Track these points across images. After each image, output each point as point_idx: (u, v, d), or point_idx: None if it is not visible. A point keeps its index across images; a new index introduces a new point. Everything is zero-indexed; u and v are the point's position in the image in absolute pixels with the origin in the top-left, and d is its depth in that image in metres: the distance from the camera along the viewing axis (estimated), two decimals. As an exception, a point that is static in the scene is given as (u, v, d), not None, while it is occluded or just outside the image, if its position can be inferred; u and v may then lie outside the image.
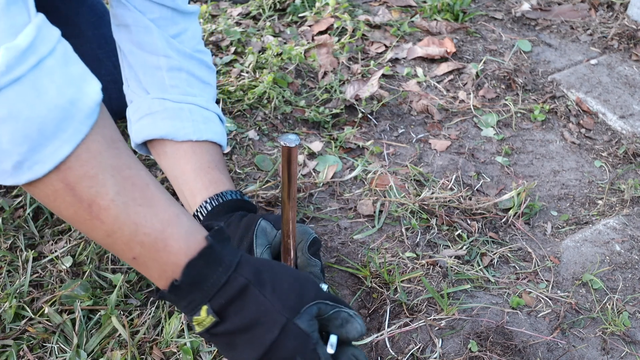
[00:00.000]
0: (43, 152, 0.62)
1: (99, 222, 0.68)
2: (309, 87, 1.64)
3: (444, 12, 1.89)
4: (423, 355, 1.05)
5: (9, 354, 1.01)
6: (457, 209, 1.31)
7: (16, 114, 0.60)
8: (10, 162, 0.62)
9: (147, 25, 1.12)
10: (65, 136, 0.63)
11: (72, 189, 0.65)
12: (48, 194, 0.66)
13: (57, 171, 0.64)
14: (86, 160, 0.65)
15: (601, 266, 1.22)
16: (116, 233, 0.69)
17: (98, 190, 0.67)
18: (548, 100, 1.62)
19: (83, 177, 0.65)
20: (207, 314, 0.74)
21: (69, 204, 0.66)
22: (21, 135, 0.60)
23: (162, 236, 0.72)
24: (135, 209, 0.70)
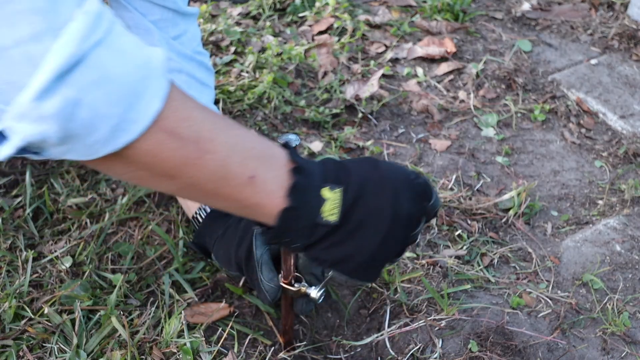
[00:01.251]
0: (137, 109, 0.62)
1: (210, 154, 0.69)
2: (309, 87, 1.64)
3: (444, 12, 1.89)
4: (423, 355, 1.05)
5: (8, 354, 1.01)
6: (457, 209, 1.31)
7: (108, 75, 0.60)
8: (108, 126, 0.61)
9: (147, 27, 1.12)
10: (152, 91, 0.63)
11: (174, 134, 0.66)
12: (152, 150, 0.65)
13: (156, 124, 0.64)
14: (176, 107, 0.66)
15: (601, 266, 1.22)
16: (230, 157, 0.70)
17: (198, 127, 0.68)
18: (548, 100, 1.62)
19: (180, 120, 0.66)
20: (331, 192, 0.75)
21: (177, 149, 0.66)
22: (116, 96, 0.60)
23: (266, 145, 0.75)
24: (234, 131, 0.72)
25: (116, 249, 1.20)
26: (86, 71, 0.58)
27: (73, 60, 0.57)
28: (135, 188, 1.31)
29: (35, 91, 0.56)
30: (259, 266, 0.99)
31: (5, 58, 0.56)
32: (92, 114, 0.59)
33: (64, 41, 0.56)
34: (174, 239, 1.22)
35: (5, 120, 0.59)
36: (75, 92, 0.58)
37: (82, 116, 0.59)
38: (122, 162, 0.66)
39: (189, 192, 0.74)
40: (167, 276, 1.14)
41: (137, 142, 0.64)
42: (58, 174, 1.35)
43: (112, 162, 0.66)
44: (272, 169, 0.74)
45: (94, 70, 0.59)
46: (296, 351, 1.05)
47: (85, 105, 0.58)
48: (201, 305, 1.11)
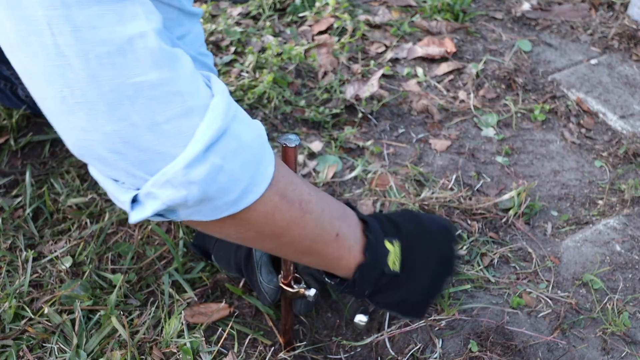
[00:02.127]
0: (259, 173, 0.70)
1: (309, 214, 0.78)
2: (309, 87, 1.64)
3: (444, 12, 1.89)
4: (423, 355, 1.05)
5: (8, 354, 1.01)
6: (457, 209, 1.31)
7: (242, 144, 0.67)
8: (239, 189, 0.68)
9: None
10: (267, 158, 0.71)
11: (285, 197, 0.74)
12: (267, 211, 0.73)
13: (271, 187, 0.72)
14: (283, 171, 0.75)
15: (601, 266, 1.22)
16: (322, 217, 0.80)
17: (300, 189, 0.77)
18: (548, 100, 1.62)
19: (287, 184, 0.75)
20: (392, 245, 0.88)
21: (286, 210, 0.75)
22: (248, 162, 0.68)
23: (342, 207, 0.87)
24: (321, 194, 0.82)
25: (116, 249, 1.20)
26: (228, 142, 0.66)
27: (220, 132, 0.65)
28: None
29: (187, 160, 0.63)
30: (259, 267, 0.99)
31: (158, 132, 0.63)
32: (229, 178, 0.67)
33: (212, 117, 0.65)
34: (174, 239, 1.22)
35: (145, 187, 0.66)
36: (219, 160, 0.65)
37: (221, 180, 0.66)
38: (237, 223, 0.73)
39: (285, 249, 0.83)
40: (167, 276, 1.14)
41: (256, 204, 0.72)
42: (58, 174, 1.35)
43: (228, 223, 0.73)
44: (350, 227, 0.85)
45: (234, 141, 0.67)
46: (296, 351, 1.05)
47: (225, 171, 0.66)
48: (201, 305, 1.11)
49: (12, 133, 1.46)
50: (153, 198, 0.66)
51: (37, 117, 1.50)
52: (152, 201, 0.66)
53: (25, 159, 1.41)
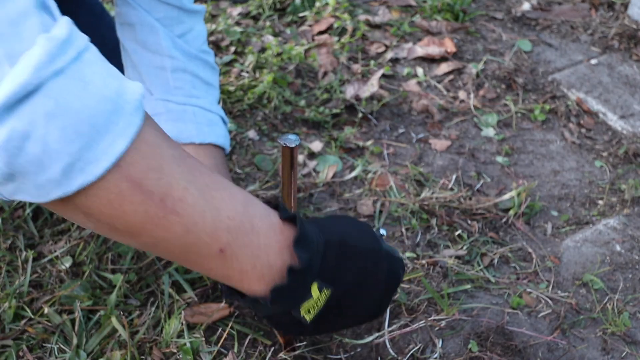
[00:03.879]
0: (97, 148, 0.55)
1: (175, 216, 0.61)
2: (309, 87, 1.64)
3: (444, 11, 1.89)
4: (423, 355, 1.05)
5: (8, 354, 1.01)
6: (457, 209, 1.31)
7: (65, 107, 0.54)
8: (60, 165, 0.54)
9: (152, 25, 1.11)
10: (118, 129, 0.56)
11: (139, 185, 0.58)
12: (111, 199, 0.58)
13: (118, 169, 0.57)
14: (147, 153, 0.59)
15: (601, 266, 1.22)
16: (197, 224, 0.62)
17: (168, 181, 0.60)
18: (548, 100, 1.62)
19: (148, 170, 0.59)
20: (319, 289, 0.68)
21: (138, 204, 0.59)
22: (72, 130, 0.54)
23: (247, 216, 0.67)
24: (211, 193, 0.64)
25: (116, 249, 1.20)
26: (39, 102, 0.52)
27: (25, 90, 0.52)
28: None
29: None
30: None
31: None
32: (43, 149, 0.53)
33: (19, 69, 0.52)
34: (174, 239, 1.22)
35: None
36: (24, 124, 0.52)
37: (31, 151, 0.53)
38: (77, 210, 0.59)
39: (156, 252, 0.67)
40: (166, 276, 1.14)
41: (95, 188, 0.57)
42: (58, 174, 1.35)
43: (70, 209, 0.59)
44: (247, 249, 0.66)
45: (49, 101, 0.53)
46: (296, 351, 1.05)
47: (35, 139, 0.53)
48: (201, 305, 1.11)
49: (12, 133, 1.45)
50: None
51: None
52: None
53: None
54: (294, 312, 0.70)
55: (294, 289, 0.68)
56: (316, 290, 0.69)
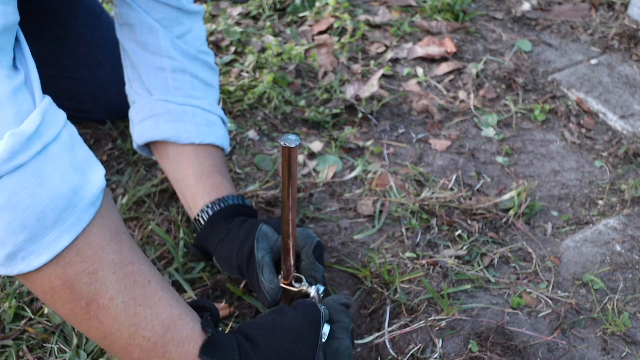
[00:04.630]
0: (40, 242, 0.59)
1: (96, 322, 0.65)
2: (309, 87, 1.64)
3: (444, 11, 1.89)
4: (423, 355, 1.05)
5: (8, 354, 1.01)
6: (457, 209, 1.31)
7: (15, 202, 0.57)
8: (4, 252, 0.58)
9: (151, 25, 1.11)
10: (65, 226, 0.60)
11: (70, 286, 0.61)
12: (44, 290, 0.62)
13: (55, 265, 0.60)
14: (87, 255, 0.62)
15: (601, 266, 1.22)
16: (114, 335, 0.66)
17: (97, 288, 0.63)
18: (548, 100, 1.62)
19: (82, 273, 0.62)
20: None
21: (66, 301, 0.63)
22: (18, 224, 0.57)
23: (163, 341, 0.69)
24: (136, 309, 0.67)
25: (116, 249, 1.20)
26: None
27: None
28: (135, 188, 1.31)
29: None
30: (260, 268, 0.99)
31: None
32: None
33: None
34: (174, 239, 1.22)
35: None
36: None
37: None
38: (26, 283, 0.64)
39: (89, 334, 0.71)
40: (167, 276, 1.14)
41: (33, 277, 0.61)
42: (58, 174, 1.35)
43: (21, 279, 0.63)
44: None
45: (1, 195, 0.56)
46: (296, 351, 1.05)
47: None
48: (201, 305, 1.11)
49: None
50: None
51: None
52: None
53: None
54: None
55: None
56: None
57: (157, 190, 1.32)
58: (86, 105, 1.43)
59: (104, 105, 1.43)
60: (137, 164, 1.40)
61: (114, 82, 1.37)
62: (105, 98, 1.40)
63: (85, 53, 1.36)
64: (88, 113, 1.46)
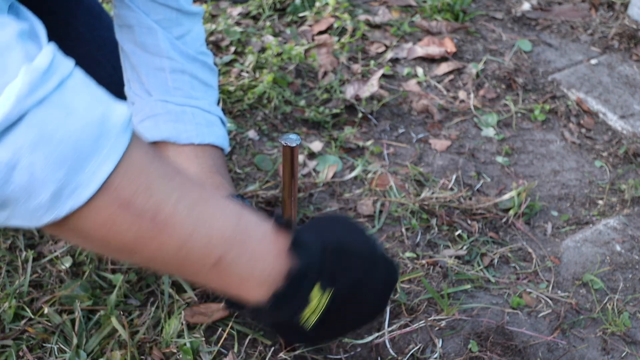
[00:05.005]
0: (83, 172, 0.57)
1: (168, 232, 0.62)
2: (309, 87, 1.64)
3: (444, 11, 1.89)
4: (423, 355, 1.05)
5: (8, 354, 1.01)
6: (457, 209, 1.31)
7: (48, 136, 0.55)
8: (48, 191, 0.56)
9: (150, 27, 1.11)
10: (104, 152, 0.58)
11: (128, 206, 0.59)
12: (103, 222, 0.59)
13: (106, 193, 0.58)
14: (135, 175, 0.60)
15: (602, 266, 1.22)
16: (191, 238, 0.63)
17: (157, 199, 0.61)
18: (548, 100, 1.62)
19: (137, 192, 0.60)
20: (320, 293, 0.68)
21: (130, 224, 0.60)
22: (56, 158, 0.55)
23: (240, 227, 0.67)
24: (203, 207, 0.65)
25: (116, 249, 1.20)
26: (23, 132, 0.54)
27: (8, 121, 0.53)
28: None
29: None
30: None
31: None
32: (29, 177, 0.55)
33: (1, 101, 0.53)
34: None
35: None
36: (10, 154, 0.54)
37: (19, 180, 0.54)
38: (69, 232, 0.61)
39: (153, 267, 0.68)
40: (167, 276, 1.14)
41: (85, 212, 0.58)
42: (58, 174, 1.35)
43: (64, 232, 0.61)
44: (247, 254, 0.67)
45: (32, 131, 0.54)
46: (296, 351, 1.05)
47: (21, 168, 0.54)
48: (201, 305, 1.11)
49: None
50: None
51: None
52: None
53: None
54: (295, 318, 0.70)
55: (292, 294, 0.68)
56: (315, 294, 0.68)
57: (157, 190, 1.31)
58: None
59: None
60: (137, 163, 1.40)
61: (114, 82, 1.37)
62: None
63: (85, 53, 1.36)
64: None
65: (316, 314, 0.70)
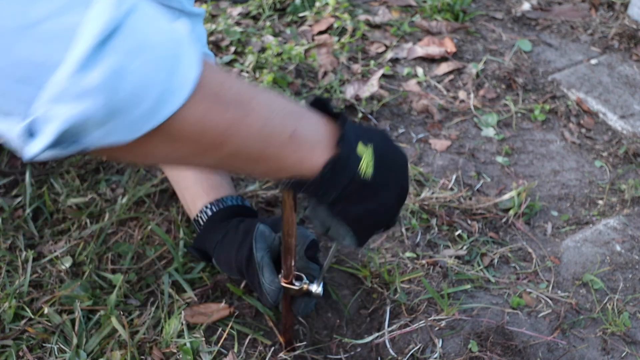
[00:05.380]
0: (180, 74, 0.60)
1: (254, 114, 0.68)
2: (309, 87, 1.64)
3: (444, 11, 1.89)
4: (423, 355, 1.05)
5: (8, 354, 1.01)
6: (457, 209, 1.31)
7: (146, 41, 0.57)
8: (153, 94, 0.57)
9: None
10: (188, 57, 0.61)
11: (218, 97, 0.64)
12: (197, 117, 0.63)
13: (199, 89, 0.62)
14: (213, 72, 0.65)
15: (601, 266, 1.22)
16: (271, 114, 0.70)
17: (237, 88, 0.67)
18: (548, 100, 1.62)
19: (220, 83, 0.65)
20: (365, 148, 0.77)
21: (222, 112, 0.65)
22: (158, 61, 0.58)
23: (298, 106, 0.76)
24: (269, 93, 0.72)
25: (116, 249, 1.20)
26: (126, 37, 0.55)
27: (112, 27, 0.53)
28: (135, 188, 1.31)
29: (75, 63, 0.52)
30: (260, 268, 0.99)
31: (33, 36, 0.51)
32: (138, 82, 0.56)
33: (100, 8, 0.53)
34: (174, 239, 1.22)
35: (38, 109, 0.53)
36: (118, 59, 0.54)
37: (127, 85, 0.55)
38: (166, 138, 0.63)
39: (234, 160, 0.72)
40: (167, 276, 1.14)
41: (183, 112, 0.61)
42: (58, 174, 1.35)
43: (156, 141, 0.62)
44: (311, 123, 0.74)
45: (133, 37, 0.56)
46: (296, 351, 1.05)
47: (130, 73, 0.55)
48: (201, 305, 1.11)
49: (12, 133, 1.45)
50: (49, 121, 0.54)
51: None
52: (49, 125, 0.54)
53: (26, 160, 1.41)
54: (357, 173, 0.76)
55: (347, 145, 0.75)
56: (362, 146, 0.77)
57: (157, 190, 1.32)
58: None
59: None
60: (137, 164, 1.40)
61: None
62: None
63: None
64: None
65: (370, 166, 0.78)
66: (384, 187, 0.81)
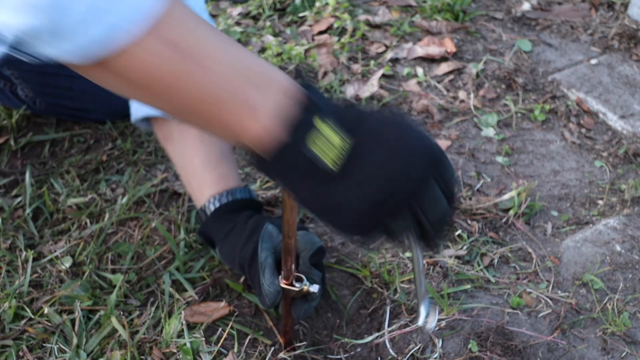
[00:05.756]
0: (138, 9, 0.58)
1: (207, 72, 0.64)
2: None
3: (444, 11, 1.89)
4: (423, 355, 1.05)
5: (8, 354, 1.01)
6: (457, 209, 1.31)
7: None
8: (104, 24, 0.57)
9: None
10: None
11: (173, 43, 0.62)
12: (148, 59, 0.61)
13: (155, 30, 0.60)
14: (178, 14, 0.63)
15: (602, 266, 1.22)
16: (228, 78, 0.66)
17: (200, 40, 0.64)
18: (548, 100, 1.62)
19: (181, 30, 0.63)
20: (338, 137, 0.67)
21: (172, 61, 0.62)
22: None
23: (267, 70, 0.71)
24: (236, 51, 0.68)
25: (116, 249, 1.20)
26: None
27: None
28: (135, 188, 1.31)
29: None
30: (262, 269, 0.99)
31: None
32: (88, 8, 0.56)
33: None
34: (174, 238, 1.22)
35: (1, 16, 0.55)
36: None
37: (77, 8, 0.55)
38: (116, 73, 0.62)
39: (180, 112, 0.69)
40: (167, 276, 1.14)
41: (133, 48, 0.60)
42: (58, 174, 1.35)
43: (106, 72, 0.62)
44: (271, 97, 0.68)
45: None
46: (296, 351, 1.05)
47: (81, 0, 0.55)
48: (201, 304, 1.11)
49: (12, 133, 1.45)
50: (7, 27, 0.56)
51: (37, 117, 1.50)
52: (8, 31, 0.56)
53: (25, 159, 1.41)
54: (320, 164, 0.67)
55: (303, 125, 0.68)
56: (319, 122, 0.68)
57: (157, 190, 1.32)
58: (86, 104, 1.43)
59: (104, 104, 1.43)
60: (137, 164, 1.40)
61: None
62: (105, 97, 1.40)
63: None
64: (88, 112, 1.46)
65: (339, 156, 0.68)
66: (359, 179, 0.69)
